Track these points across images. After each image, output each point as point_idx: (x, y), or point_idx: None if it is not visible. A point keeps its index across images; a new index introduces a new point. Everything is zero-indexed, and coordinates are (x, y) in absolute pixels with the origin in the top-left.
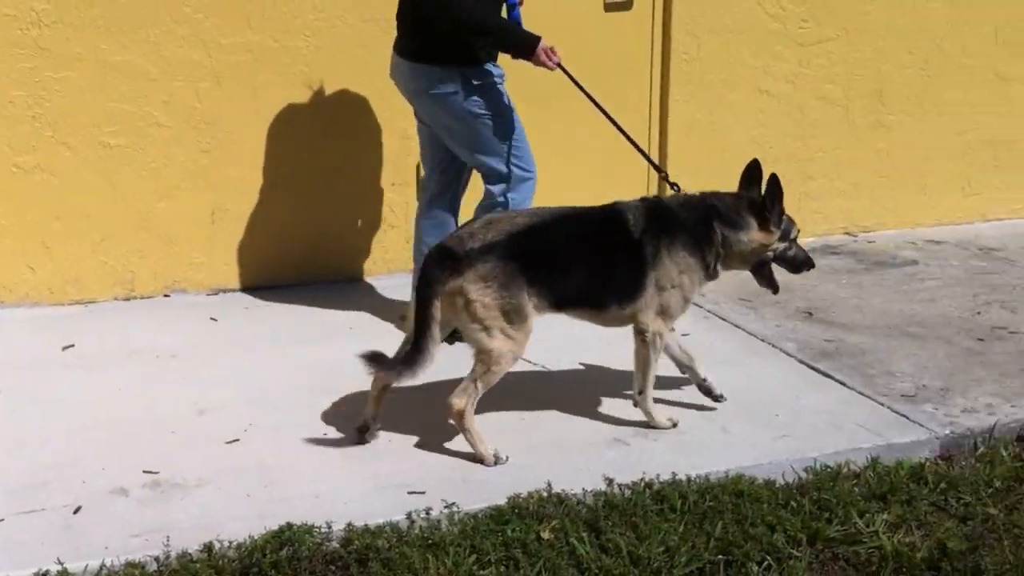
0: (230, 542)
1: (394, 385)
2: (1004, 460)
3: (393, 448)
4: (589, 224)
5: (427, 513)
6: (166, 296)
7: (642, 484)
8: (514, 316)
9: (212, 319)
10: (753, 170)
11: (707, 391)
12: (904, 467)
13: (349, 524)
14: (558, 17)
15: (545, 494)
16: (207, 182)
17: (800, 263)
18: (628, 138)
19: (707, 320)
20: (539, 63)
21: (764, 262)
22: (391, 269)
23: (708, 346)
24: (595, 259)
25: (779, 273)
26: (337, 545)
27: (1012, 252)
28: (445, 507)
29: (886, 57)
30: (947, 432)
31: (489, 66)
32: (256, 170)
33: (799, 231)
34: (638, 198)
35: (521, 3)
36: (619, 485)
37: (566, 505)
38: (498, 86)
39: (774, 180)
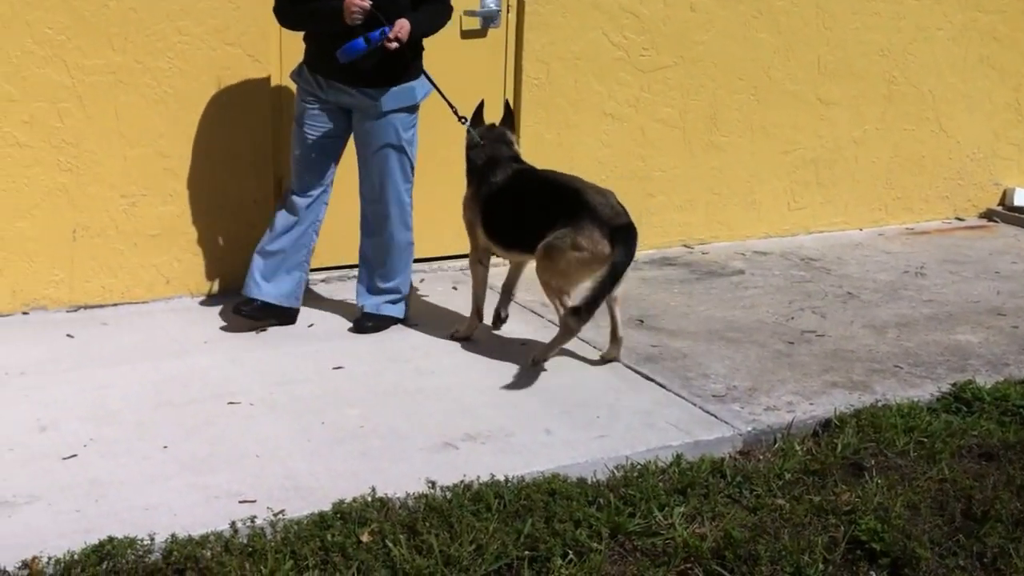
0: (49, 558)
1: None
2: (796, 454)
3: (230, 460)
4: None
5: (252, 521)
6: (24, 314)
7: (462, 486)
8: None
9: (68, 336)
10: (480, 107)
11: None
12: (706, 462)
13: (173, 535)
14: None
15: (369, 499)
16: (68, 201)
17: None
18: (442, 96)
19: (546, 329)
20: (351, 15)
21: None
22: None
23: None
24: None
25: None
26: (159, 556)
27: (829, 262)
28: (272, 515)
29: (719, 83)
30: (749, 429)
31: (308, 75)
32: (117, 189)
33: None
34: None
35: (393, 36)
36: (441, 488)
37: (388, 509)
38: (306, 94)
39: (507, 103)
